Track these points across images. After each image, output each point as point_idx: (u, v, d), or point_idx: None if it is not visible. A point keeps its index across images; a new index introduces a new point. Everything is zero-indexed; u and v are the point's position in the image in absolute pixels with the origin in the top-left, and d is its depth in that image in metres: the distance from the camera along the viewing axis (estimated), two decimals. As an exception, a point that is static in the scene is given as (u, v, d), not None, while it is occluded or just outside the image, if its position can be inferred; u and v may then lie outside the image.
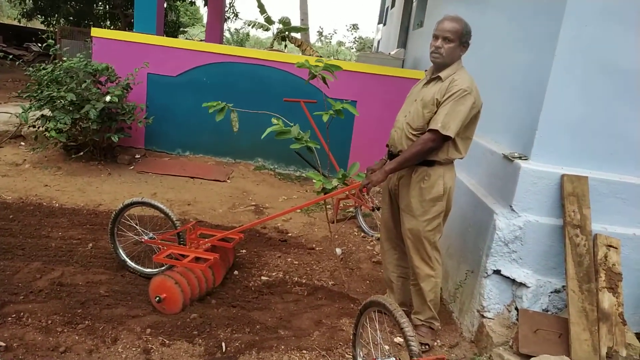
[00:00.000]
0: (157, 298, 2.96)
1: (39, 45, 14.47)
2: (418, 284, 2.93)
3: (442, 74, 2.75)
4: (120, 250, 3.45)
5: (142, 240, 3.36)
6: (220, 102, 3.44)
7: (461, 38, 2.72)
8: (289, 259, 3.97)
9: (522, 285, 2.94)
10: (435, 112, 2.69)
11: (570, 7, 2.78)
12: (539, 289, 2.92)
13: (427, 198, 2.80)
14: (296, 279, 3.67)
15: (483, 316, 2.99)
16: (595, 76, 2.84)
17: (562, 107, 2.88)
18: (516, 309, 2.96)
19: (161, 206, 3.31)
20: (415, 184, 2.82)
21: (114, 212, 3.40)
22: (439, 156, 2.76)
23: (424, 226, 2.82)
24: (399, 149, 2.86)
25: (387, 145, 3.02)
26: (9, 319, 2.73)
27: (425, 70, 2.97)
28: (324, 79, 3.55)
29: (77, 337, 2.66)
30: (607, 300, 2.68)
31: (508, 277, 2.96)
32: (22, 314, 2.78)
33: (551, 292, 2.93)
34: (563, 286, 2.88)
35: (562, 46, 2.82)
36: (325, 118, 3.36)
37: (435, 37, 2.75)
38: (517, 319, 2.91)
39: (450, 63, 2.76)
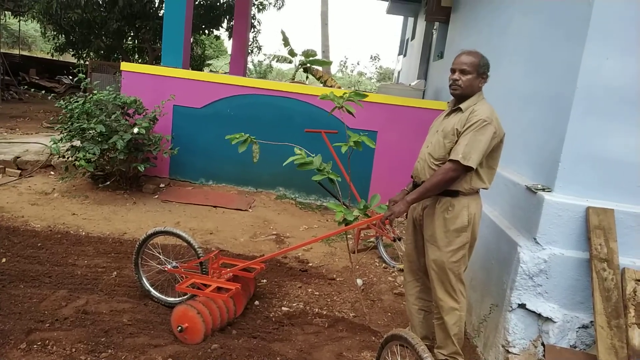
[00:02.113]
0: (180, 328, 2.97)
1: (70, 78, 15.04)
2: (441, 318, 2.88)
3: (463, 105, 2.79)
4: (144, 279, 3.50)
5: (166, 269, 3.40)
6: (243, 134, 3.52)
7: (478, 69, 2.76)
8: (310, 290, 3.96)
9: (548, 320, 2.87)
10: (456, 142, 2.72)
11: (591, 39, 2.79)
12: (566, 324, 2.85)
13: (452, 229, 2.78)
14: (317, 310, 3.65)
15: (508, 351, 2.92)
16: (618, 107, 2.82)
17: (585, 138, 2.86)
18: (542, 344, 2.88)
19: (184, 235, 3.37)
20: (440, 215, 2.81)
21: (139, 241, 3.46)
22: (463, 186, 2.75)
23: (449, 257, 2.79)
24: (422, 180, 2.87)
25: (412, 177, 3.04)
26: (35, 346, 2.78)
27: (448, 102, 3.00)
28: (348, 111, 3.60)
29: (100, 366, 2.68)
30: (637, 336, 2.60)
31: (534, 312, 2.89)
32: (47, 341, 2.82)
33: (579, 328, 2.85)
34: (591, 321, 2.80)
35: (583, 78, 2.83)
36: (344, 149, 3.40)
37: (453, 70, 2.81)
38: (543, 355, 2.83)
39: (470, 94, 2.79)
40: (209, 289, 3.15)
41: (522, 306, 2.91)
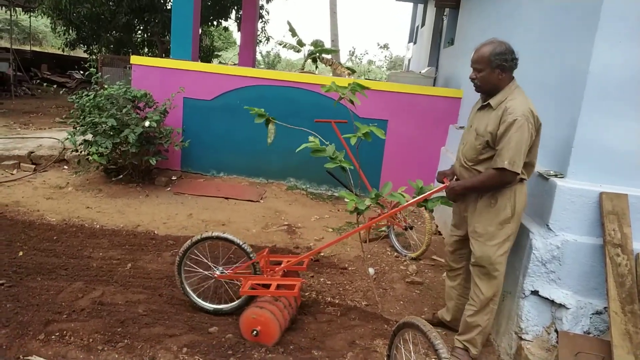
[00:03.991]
0: (255, 332, 2.92)
1: (82, 73, 15.16)
2: (476, 311, 2.87)
3: (493, 102, 2.72)
4: (187, 286, 3.32)
5: (215, 275, 3.26)
6: (263, 110, 3.52)
7: (491, 63, 2.66)
8: (322, 279, 3.98)
9: (561, 306, 2.85)
10: (488, 143, 2.68)
11: (603, 24, 2.74)
12: (580, 311, 2.83)
13: (496, 221, 2.75)
14: (329, 299, 3.67)
15: (521, 338, 2.91)
16: (631, 93, 2.77)
17: (598, 124, 2.82)
18: (556, 331, 2.87)
19: (235, 239, 3.22)
20: (483, 208, 2.79)
21: (184, 247, 3.22)
22: None
23: (495, 251, 2.77)
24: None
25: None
26: (53, 337, 2.83)
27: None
28: (351, 101, 3.58)
29: (116, 356, 2.73)
30: (652, 322, 2.57)
31: (547, 298, 2.88)
32: (64, 332, 2.88)
33: (592, 314, 2.83)
34: (605, 307, 2.78)
35: (595, 63, 2.78)
36: (353, 141, 3.38)
37: (472, 68, 2.78)
38: (557, 342, 2.82)
39: (495, 89, 2.73)
40: (272, 287, 3.08)
41: (535, 293, 2.90)
